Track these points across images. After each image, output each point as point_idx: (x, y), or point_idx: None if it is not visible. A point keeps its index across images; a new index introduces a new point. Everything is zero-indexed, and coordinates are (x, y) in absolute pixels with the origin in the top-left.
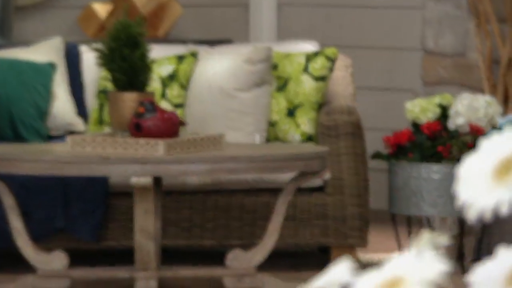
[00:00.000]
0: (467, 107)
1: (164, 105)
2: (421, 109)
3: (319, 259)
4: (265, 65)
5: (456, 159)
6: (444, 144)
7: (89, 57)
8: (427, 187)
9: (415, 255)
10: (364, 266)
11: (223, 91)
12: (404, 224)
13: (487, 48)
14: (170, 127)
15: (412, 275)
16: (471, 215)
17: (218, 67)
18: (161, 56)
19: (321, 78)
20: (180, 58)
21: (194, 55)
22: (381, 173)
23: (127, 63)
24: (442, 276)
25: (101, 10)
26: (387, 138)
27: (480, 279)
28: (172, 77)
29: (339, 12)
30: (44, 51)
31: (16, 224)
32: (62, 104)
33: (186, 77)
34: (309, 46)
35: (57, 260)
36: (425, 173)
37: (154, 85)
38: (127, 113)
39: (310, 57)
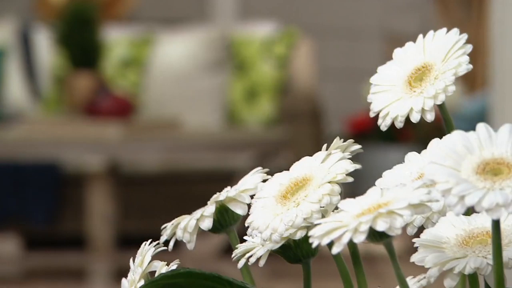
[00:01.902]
0: None
1: (122, 87)
2: None
3: None
4: (223, 48)
5: (418, 142)
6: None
7: (42, 39)
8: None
9: (323, 157)
10: None
11: (181, 74)
12: None
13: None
14: (124, 110)
15: (319, 175)
16: (385, 124)
17: (176, 50)
18: (119, 38)
19: (282, 60)
20: (139, 40)
21: (152, 37)
22: None
23: (81, 45)
24: (348, 176)
25: None
26: (349, 125)
27: (387, 182)
28: (130, 59)
29: None
30: None
31: None
32: (14, 86)
33: (144, 59)
34: (270, 26)
35: (10, 244)
36: (386, 157)
37: (112, 68)
38: (81, 95)
39: (270, 39)
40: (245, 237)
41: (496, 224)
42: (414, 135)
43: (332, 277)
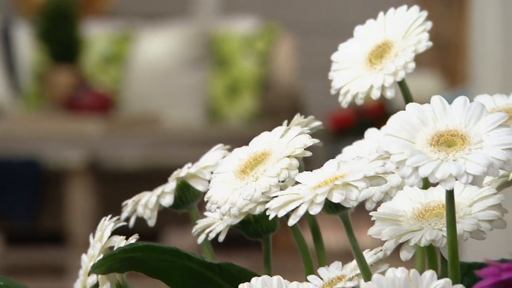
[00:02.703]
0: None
1: (103, 83)
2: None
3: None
4: (204, 44)
5: None
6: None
7: (23, 35)
8: None
9: (282, 132)
10: None
11: (162, 70)
12: None
13: (431, 27)
14: (104, 106)
15: (278, 149)
16: (346, 101)
17: (157, 46)
18: (100, 34)
19: (263, 56)
20: (120, 36)
21: (133, 32)
22: (325, 153)
23: (61, 41)
24: (307, 151)
25: None
26: (331, 121)
27: (349, 155)
28: (111, 55)
29: None
30: None
31: None
32: None
33: (125, 55)
34: (251, 22)
35: None
36: None
37: (93, 63)
38: (62, 91)
39: (252, 35)
40: (205, 213)
41: (449, 194)
42: None
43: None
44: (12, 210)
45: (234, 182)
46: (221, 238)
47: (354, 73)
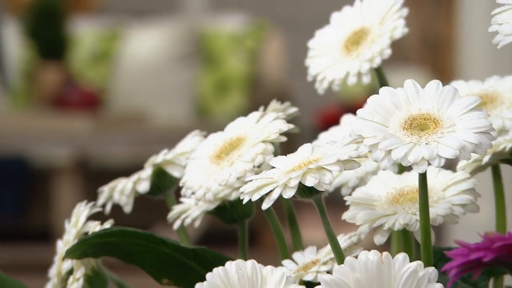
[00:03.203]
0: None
1: (91, 81)
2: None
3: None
4: (192, 41)
5: None
6: None
7: (11, 33)
8: None
9: (258, 117)
10: None
11: (151, 67)
12: (334, 204)
13: (420, 25)
14: (91, 103)
15: (253, 135)
16: (323, 88)
17: (145, 43)
18: (88, 31)
19: (253, 54)
20: (108, 33)
21: (122, 30)
22: None
23: (48, 38)
24: (282, 136)
25: None
26: (319, 118)
27: (325, 141)
28: (99, 53)
29: None
30: None
31: None
32: None
33: (114, 53)
34: (240, 19)
35: None
36: None
37: (81, 61)
38: (49, 88)
39: (241, 32)
40: (181, 199)
41: (422, 178)
42: None
43: None
44: None
45: (209, 167)
46: (196, 224)
47: (330, 59)
